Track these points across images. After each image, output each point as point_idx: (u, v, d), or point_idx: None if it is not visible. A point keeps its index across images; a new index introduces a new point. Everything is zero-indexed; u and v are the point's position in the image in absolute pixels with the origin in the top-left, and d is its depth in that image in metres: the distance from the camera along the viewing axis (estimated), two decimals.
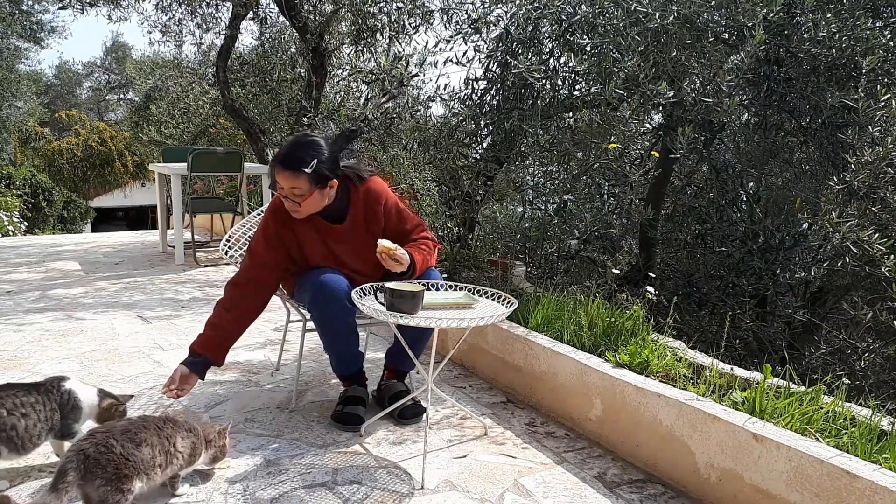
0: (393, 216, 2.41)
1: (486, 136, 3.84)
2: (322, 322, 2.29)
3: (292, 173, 2.16)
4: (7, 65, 13.29)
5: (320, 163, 2.18)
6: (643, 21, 3.17)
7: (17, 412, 1.88)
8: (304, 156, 2.17)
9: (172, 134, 10.27)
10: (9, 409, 1.87)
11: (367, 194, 2.38)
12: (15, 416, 1.87)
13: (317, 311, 2.28)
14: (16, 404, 1.89)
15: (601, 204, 3.60)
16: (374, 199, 2.39)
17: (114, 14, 7.00)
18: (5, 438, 1.85)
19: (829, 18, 3.15)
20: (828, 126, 3.45)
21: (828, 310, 3.98)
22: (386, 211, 2.40)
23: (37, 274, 5.09)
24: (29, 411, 1.90)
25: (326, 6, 6.08)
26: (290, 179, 2.17)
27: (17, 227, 12.02)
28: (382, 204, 2.39)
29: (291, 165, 2.16)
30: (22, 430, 1.87)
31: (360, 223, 2.37)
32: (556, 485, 2.03)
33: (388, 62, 3.70)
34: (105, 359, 3.09)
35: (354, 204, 2.37)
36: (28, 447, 1.90)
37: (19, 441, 1.87)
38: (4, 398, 1.88)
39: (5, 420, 1.85)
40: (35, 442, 1.91)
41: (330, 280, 2.24)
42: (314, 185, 2.19)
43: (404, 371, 2.58)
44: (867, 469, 1.61)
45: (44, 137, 20.50)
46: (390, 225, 2.41)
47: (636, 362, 2.35)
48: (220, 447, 1.99)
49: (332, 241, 2.35)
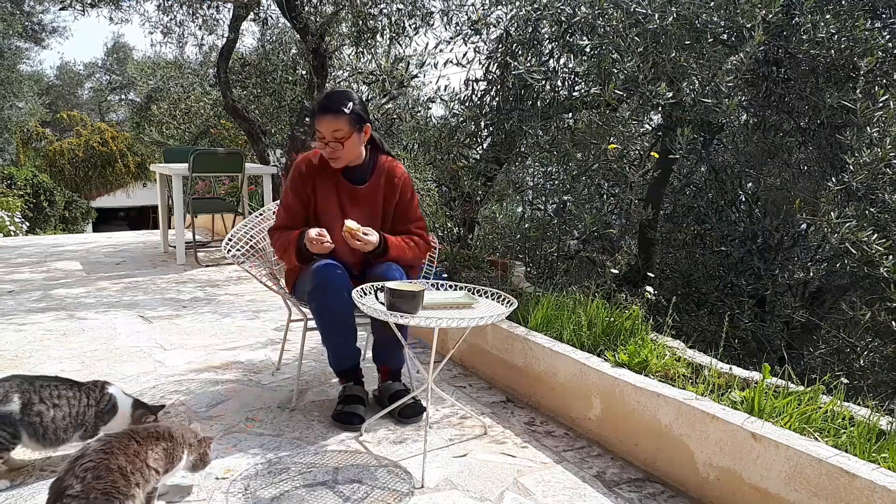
0: (406, 197, 2.54)
1: (486, 136, 3.85)
2: (319, 312, 2.36)
3: (334, 115, 2.34)
4: (8, 65, 13.30)
5: (357, 104, 2.38)
6: (642, 22, 3.18)
7: (49, 402, 1.93)
8: (342, 99, 2.36)
9: (174, 134, 10.28)
10: (43, 397, 1.93)
11: (390, 167, 2.54)
12: (45, 405, 1.92)
13: (315, 301, 2.34)
14: (51, 395, 1.94)
15: (601, 204, 3.60)
16: (396, 173, 2.54)
17: (115, 15, 7.02)
18: (27, 423, 1.89)
19: (828, 19, 3.16)
20: (826, 127, 3.47)
21: (826, 310, 3.99)
22: (402, 189, 2.53)
23: (38, 274, 5.11)
24: (62, 403, 1.95)
25: (327, 7, 6.09)
26: (332, 122, 2.34)
27: (19, 228, 12.03)
28: (401, 180, 2.53)
29: (332, 108, 2.35)
30: (48, 420, 1.91)
31: (378, 190, 2.51)
32: (556, 484, 2.04)
33: (389, 63, 3.71)
34: (106, 358, 3.10)
35: (377, 172, 2.52)
36: (50, 438, 1.93)
37: (41, 429, 1.91)
38: (43, 387, 1.95)
39: (35, 407, 1.90)
40: (60, 436, 1.94)
41: (330, 270, 2.32)
42: (353, 127, 2.36)
43: (395, 368, 2.58)
44: (866, 468, 1.62)
45: (45, 138, 20.51)
46: (401, 204, 2.54)
47: (635, 362, 2.36)
48: (200, 454, 1.86)
49: (348, 202, 2.47)
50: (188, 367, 2.99)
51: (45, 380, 1.99)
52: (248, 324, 3.73)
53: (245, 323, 3.75)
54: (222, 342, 3.37)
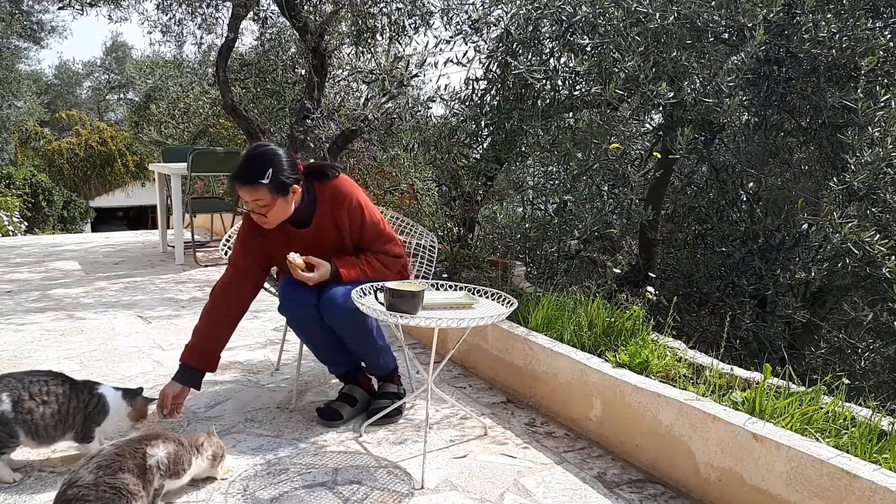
0: (357, 219, 2.34)
1: (487, 136, 3.84)
2: (292, 325, 2.38)
3: (251, 187, 2.15)
4: (7, 64, 13.30)
5: (277, 171, 2.17)
6: (643, 21, 3.18)
7: (39, 398, 1.92)
8: (258, 168, 2.15)
9: (172, 134, 10.27)
10: (32, 393, 1.92)
11: (333, 194, 2.33)
12: (35, 402, 1.92)
13: (286, 315, 2.37)
14: (41, 391, 1.94)
15: (601, 204, 3.59)
16: (340, 199, 2.33)
17: (114, 14, 6.99)
18: (21, 421, 1.89)
19: (829, 19, 3.15)
20: (828, 126, 3.46)
21: (828, 310, 3.98)
22: (350, 212, 2.33)
23: (37, 274, 5.09)
24: (51, 400, 1.94)
25: (326, 6, 6.07)
26: (251, 192, 2.16)
27: (18, 227, 12.01)
28: (347, 204, 2.33)
29: (248, 179, 2.16)
30: (38, 417, 1.91)
31: (328, 225, 2.33)
32: (556, 485, 2.03)
33: (389, 62, 3.70)
34: (105, 359, 3.09)
35: (321, 206, 2.33)
36: (42, 435, 1.94)
37: (33, 426, 1.91)
38: (33, 383, 1.94)
39: (25, 404, 1.90)
40: (50, 433, 1.95)
41: (295, 288, 2.28)
42: (275, 194, 2.18)
43: (375, 371, 2.52)
44: (867, 469, 1.61)
45: (44, 137, 20.50)
46: (353, 232, 2.36)
47: (636, 362, 2.35)
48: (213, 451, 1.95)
49: (301, 247, 2.31)
50: None
51: (35, 375, 1.97)
52: (247, 324, 3.72)
53: (244, 323, 3.71)
54: None
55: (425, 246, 2.93)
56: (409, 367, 2.87)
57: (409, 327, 3.48)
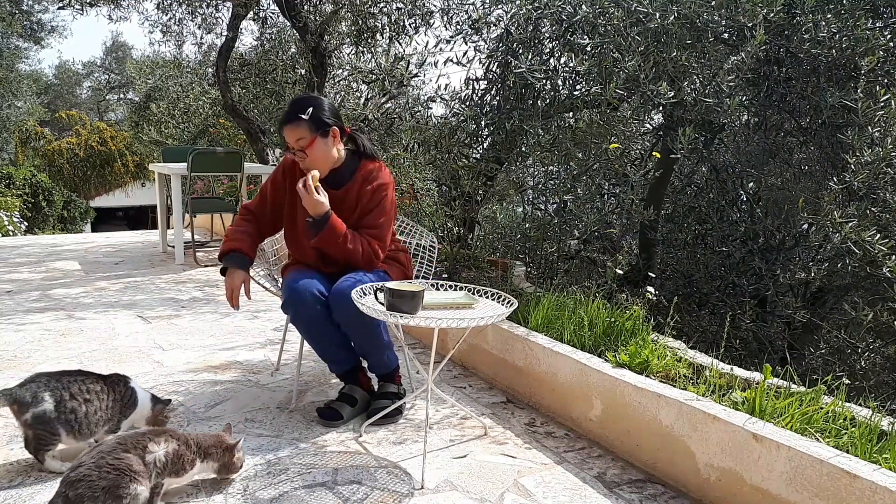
0: (372, 202, 2.40)
1: (487, 136, 3.84)
2: (295, 323, 2.38)
3: (293, 124, 2.29)
4: (7, 64, 13.30)
5: (317, 109, 2.30)
6: (643, 21, 3.18)
7: (80, 398, 1.96)
8: (300, 106, 2.30)
9: (172, 134, 10.28)
10: (73, 393, 1.96)
11: (368, 173, 2.44)
12: (77, 401, 1.95)
13: (289, 314, 2.37)
14: (81, 390, 1.97)
15: (601, 204, 3.60)
16: (370, 179, 2.42)
17: (114, 14, 7.00)
18: (64, 421, 1.92)
19: (829, 19, 3.15)
20: (828, 126, 3.46)
21: (828, 310, 3.98)
22: (374, 192, 2.40)
23: (37, 274, 5.09)
24: (92, 398, 1.99)
25: (326, 6, 6.08)
26: (292, 130, 2.30)
27: (17, 227, 12.02)
28: (375, 185, 2.41)
29: (290, 117, 2.30)
30: (81, 416, 1.95)
31: (353, 196, 2.43)
32: (556, 485, 2.03)
33: (389, 62, 3.70)
34: (105, 358, 3.09)
35: (356, 178, 2.44)
36: (85, 433, 1.97)
37: (77, 425, 1.95)
38: (70, 383, 1.97)
39: (67, 403, 1.93)
40: (93, 430, 1.99)
41: (301, 283, 2.29)
42: (314, 132, 2.30)
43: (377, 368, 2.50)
44: (867, 469, 1.61)
45: (44, 137, 20.50)
46: (364, 207, 2.41)
47: (636, 362, 2.35)
48: (224, 462, 1.92)
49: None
50: (187, 368, 2.98)
51: (70, 375, 2.01)
52: (247, 324, 3.72)
53: (244, 323, 3.74)
54: (221, 342, 3.36)
55: (425, 246, 2.93)
56: (409, 367, 2.87)
57: (410, 327, 3.49)
